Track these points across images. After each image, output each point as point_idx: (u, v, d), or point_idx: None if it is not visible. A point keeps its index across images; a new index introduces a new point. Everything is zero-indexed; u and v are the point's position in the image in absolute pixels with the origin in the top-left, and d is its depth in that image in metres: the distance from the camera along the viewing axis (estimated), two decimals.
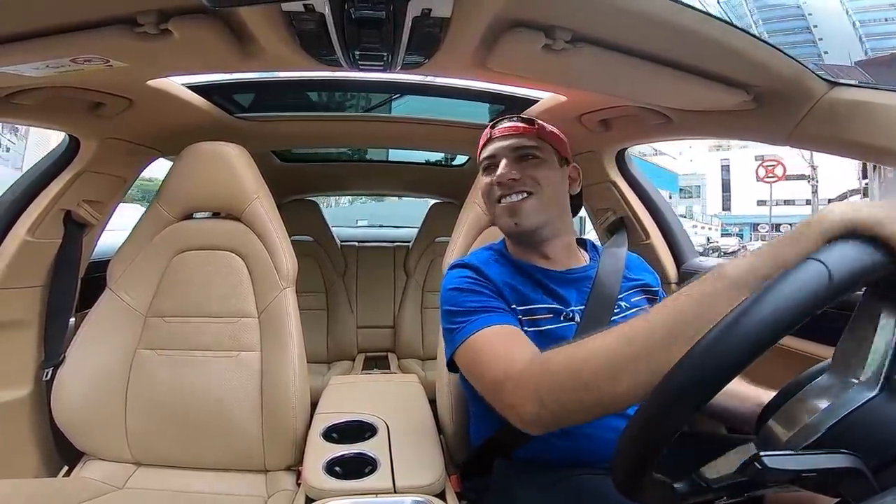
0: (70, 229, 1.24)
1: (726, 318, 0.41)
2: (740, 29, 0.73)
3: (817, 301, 0.38)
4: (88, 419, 1.10)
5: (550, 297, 0.89)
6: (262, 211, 1.16)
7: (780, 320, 0.39)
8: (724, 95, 0.90)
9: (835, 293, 0.38)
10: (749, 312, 0.40)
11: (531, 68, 0.92)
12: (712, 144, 31.30)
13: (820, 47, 21.74)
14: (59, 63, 0.79)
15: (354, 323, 2.39)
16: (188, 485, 1.07)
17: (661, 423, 0.44)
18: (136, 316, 1.14)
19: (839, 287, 0.39)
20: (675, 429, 0.43)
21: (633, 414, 0.46)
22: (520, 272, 0.90)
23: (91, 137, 1.19)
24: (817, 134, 0.89)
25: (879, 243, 0.40)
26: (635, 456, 0.46)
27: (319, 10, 0.67)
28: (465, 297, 0.83)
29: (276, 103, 1.64)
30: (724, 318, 0.41)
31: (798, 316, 0.39)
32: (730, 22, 0.72)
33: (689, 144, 30.70)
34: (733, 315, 0.41)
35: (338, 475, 0.86)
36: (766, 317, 0.39)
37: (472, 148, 1.72)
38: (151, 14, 0.69)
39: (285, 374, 1.09)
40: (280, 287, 1.14)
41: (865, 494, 0.39)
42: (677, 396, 0.43)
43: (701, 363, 0.42)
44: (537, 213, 0.89)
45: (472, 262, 0.90)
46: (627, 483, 0.47)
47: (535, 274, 0.91)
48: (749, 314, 0.40)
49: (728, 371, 0.41)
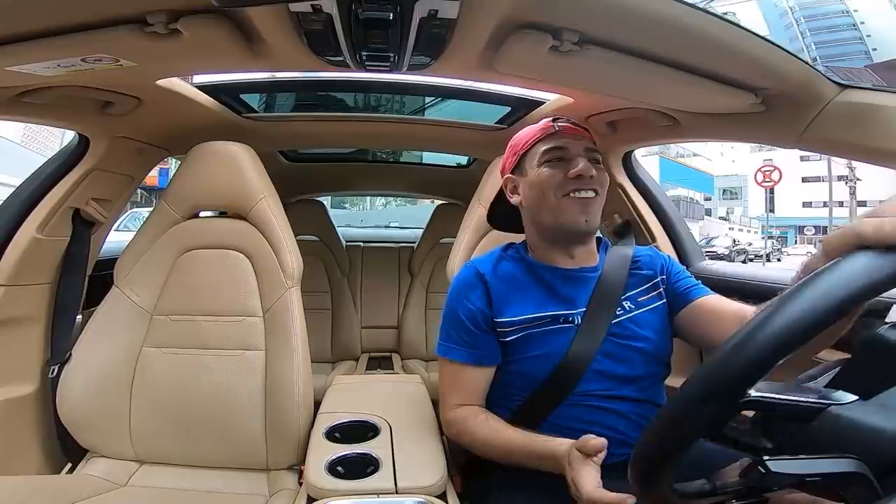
0: (78, 227, 1.25)
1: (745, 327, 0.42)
2: (749, 31, 0.73)
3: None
4: (93, 416, 1.10)
5: (556, 300, 0.91)
6: (268, 210, 1.16)
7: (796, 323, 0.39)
8: (732, 98, 0.89)
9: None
10: (767, 320, 0.40)
11: (538, 70, 0.91)
12: (754, 145, 30.44)
13: (868, 44, 21.16)
14: (69, 62, 0.79)
15: (358, 323, 2.39)
16: (191, 483, 1.08)
17: (685, 424, 0.44)
18: (143, 314, 1.15)
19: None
20: (698, 431, 0.43)
21: (656, 415, 0.46)
22: (533, 275, 0.94)
23: (100, 136, 1.20)
24: (827, 137, 0.88)
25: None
26: (658, 454, 0.46)
27: (327, 10, 0.68)
28: (454, 321, 0.94)
29: (283, 103, 1.64)
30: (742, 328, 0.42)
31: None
32: (738, 24, 0.72)
33: (731, 145, 29.62)
34: (753, 324, 0.41)
35: (340, 475, 0.86)
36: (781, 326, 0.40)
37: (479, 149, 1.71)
38: (161, 14, 0.70)
39: (289, 374, 1.09)
40: (285, 286, 1.14)
41: (869, 499, 0.39)
42: (702, 399, 0.43)
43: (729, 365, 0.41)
44: (599, 215, 0.92)
45: (478, 268, 0.96)
46: (645, 480, 0.47)
47: (547, 276, 0.93)
48: (766, 323, 0.40)
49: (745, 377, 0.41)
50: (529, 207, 0.95)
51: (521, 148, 0.96)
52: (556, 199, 0.89)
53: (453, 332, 0.94)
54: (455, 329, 0.94)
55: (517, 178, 0.98)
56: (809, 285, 0.40)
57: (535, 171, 0.92)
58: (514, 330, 0.90)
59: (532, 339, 0.89)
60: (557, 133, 0.93)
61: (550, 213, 0.91)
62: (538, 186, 0.91)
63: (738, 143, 25.39)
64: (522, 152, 0.96)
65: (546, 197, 0.90)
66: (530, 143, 0.95)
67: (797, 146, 0.95)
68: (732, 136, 1.12)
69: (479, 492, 0.94)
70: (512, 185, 0.99)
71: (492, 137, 1.64)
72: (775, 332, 0.39)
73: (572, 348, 0.87)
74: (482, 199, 1.23)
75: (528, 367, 0.90)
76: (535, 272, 0.94)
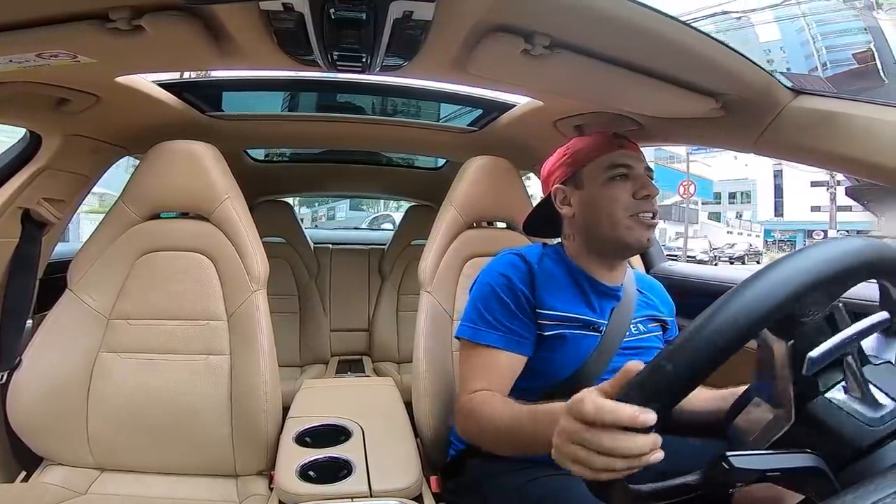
0: (28, 228, 1.18)
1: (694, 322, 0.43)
2: (711, 37, 0.76)
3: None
4: (47, 423, 1.05)
5: (588, 307, 0.92)
6: (232, 211, 1.13)
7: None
8: (693, 103, 0.92)
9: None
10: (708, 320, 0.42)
11: (510, 73, 0.93)
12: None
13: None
14: (23, 58, 0.75)
15: (328, 326, 2.35)
16: (156, 490, 1.04)
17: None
18: (99, 318, 1.10)
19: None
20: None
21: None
22: (571, 275, 0.94)
23: (53, 134, 1.14)
24: (781, 142, 0.92)
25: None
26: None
27: (298, 9, 0.66)
28: (492, 303, 0.89)
29: (250, 102, 1.60)
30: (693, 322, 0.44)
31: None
32: (701, 30, 0.75)
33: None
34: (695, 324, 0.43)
35: (312, 479, 0.85)
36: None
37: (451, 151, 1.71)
38: (124, 10, 0.67)
39: (256, 378, 1.07)
40: (251, 289, 1.11)
41: (828, 493, 0.41)
42: (649, 397, 0.44)
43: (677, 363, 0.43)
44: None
45: (527, 257, 0.94)
46: (597, 483, 0.48)
47: (584, 283, 0.94)
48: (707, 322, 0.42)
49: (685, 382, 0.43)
50: (584, 220, 0.94)
51: (580, 161, 0.95)
52: (623, 219, 0.89)
53: (486, 313, 0.89)
54: (489, 309, 0.89)
55: (571, 190, 0.96)
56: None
57: (597, 186, 0.91)
58: (553, 325, 0.88)
59: (563, 340, 0.88)
60: (621, 148, 0.92)
61: (613, 230, 0.89)
62: (603, 203, 0.90)
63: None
64: (582, 165, 0.94)
65: (612, 215, 0.89)
66: (591, 156, 0.93)
67: (754, 151, 1.00)
68: (693, 140, 1.17)
69: (456, 491, 0.94)
70: (562, 195, 0.97)
71: (464, 140, 1.65)
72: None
73: (591, 357, 0.87)
74: (454, 201, 1.23)
75: (547, 367, 0.88)
76: (574, 275, 0.94)
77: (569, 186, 0.96)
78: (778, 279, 0.42)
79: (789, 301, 0.41)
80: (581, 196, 0.94)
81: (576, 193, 0.95)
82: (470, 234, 1.25)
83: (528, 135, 1.46)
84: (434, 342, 1.14)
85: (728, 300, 0.42)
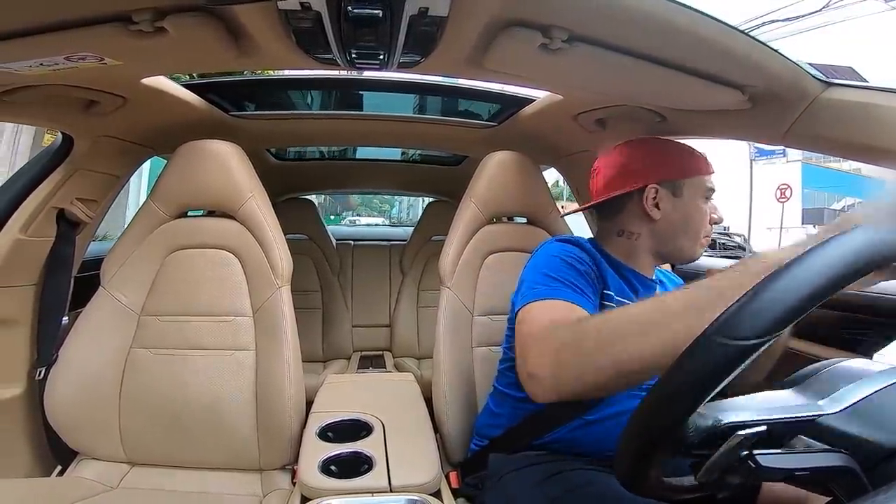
0: (63, 227, 1.23)
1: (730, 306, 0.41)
2: (737, 29, 0.74)
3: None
4: (82, 418, 1.09)
5: (631, 293, 0.95)
6: (256, 209, 1.15)
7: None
8: (719, 95, 0.90)
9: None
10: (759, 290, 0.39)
11: (528, 67, 0.92)
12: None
13: None
14: (52, 61, 0.78)
15: (350, 322, 2.38)
16: (183, 484, 1.07)
17: (665, 412, 0.44)
18: (130, 315, 1.14)
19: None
20: (679, 418, 0.43)
21: (637, 406, 0.47)
22: (617, 271, 0.96)
23: (84, 135, 1.18)
24: (812, 134, 0.89)
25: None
26: (641, 446, 0.46)
27: (316, 8, 0.67)
28: (563, 268, 0.86)
29: (272, 101, 1.63)
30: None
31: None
32: (726, 22, 0.72)
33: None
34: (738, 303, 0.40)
35: (333, 474, 0.86)
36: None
37: (468, 147, 1.70)
38: (147, 12, 0.69)
39: (280, 374, 1.09)
40: (275, 286, 1.13)
41: (857, 493, 0.39)
42: (680, 388, 0.43)
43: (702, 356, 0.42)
44: None
45: (583, 244, 0.95)
46: (630, 474, 0.47)
47: (630, 276, 0.97)
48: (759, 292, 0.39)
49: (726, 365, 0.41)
50: (670, 226, 0.95)
51: (686, 172, 0.96)
52: (701, 237, 0.96)
53: (557, 275, 0.84)
54: (560, 273, 0.84)
55: (667, 196, 0.95)
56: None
57: (694, 201, 0.95)
58: (613, 307, 0.88)
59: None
60: (709, 172, 0.98)
61: (692, 244, 0.96)
62: (696, 219, 0.95)
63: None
64: (688, 177, 0.95)
65: (697, 231, 0.96)
66: (698, 172, 0.96)
67: (783, 143, 0.97)
68: (720, 134, 1.13)
69: (477, 485, 0.95)
70: (655, 197, 0.95)
71: (483, 135, 1.64)
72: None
73: None
74: (473, 197, 1.23)
75: None
76: (620, 270, 0.96)
77: (666, 190, 0.95)
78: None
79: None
80: (677, 204, 0.94)
81: (672, 200, 0.94)
82: (490, 229, 1.25)
83: (549, 129, 1.44)
84: (454, 338, 1.15)
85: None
